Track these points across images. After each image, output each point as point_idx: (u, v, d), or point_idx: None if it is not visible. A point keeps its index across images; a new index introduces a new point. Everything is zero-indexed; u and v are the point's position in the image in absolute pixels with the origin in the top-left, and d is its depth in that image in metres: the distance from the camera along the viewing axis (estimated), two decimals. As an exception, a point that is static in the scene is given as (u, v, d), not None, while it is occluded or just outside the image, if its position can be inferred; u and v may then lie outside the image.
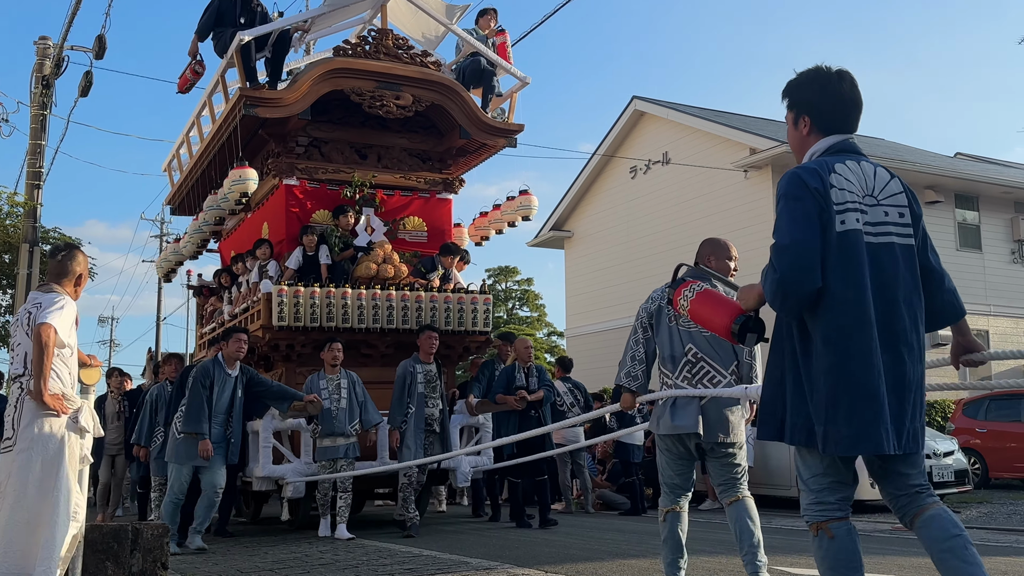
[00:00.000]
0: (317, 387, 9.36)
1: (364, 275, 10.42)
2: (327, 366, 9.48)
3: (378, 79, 10.43)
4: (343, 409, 9.36)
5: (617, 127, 25.61)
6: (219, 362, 8.98)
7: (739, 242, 22.87)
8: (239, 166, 10.01)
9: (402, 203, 11.16)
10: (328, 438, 9.34)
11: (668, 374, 5.31)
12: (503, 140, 11.13)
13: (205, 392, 8.79)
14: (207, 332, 12.53)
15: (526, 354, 10.35)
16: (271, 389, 9.21)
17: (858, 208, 3.34)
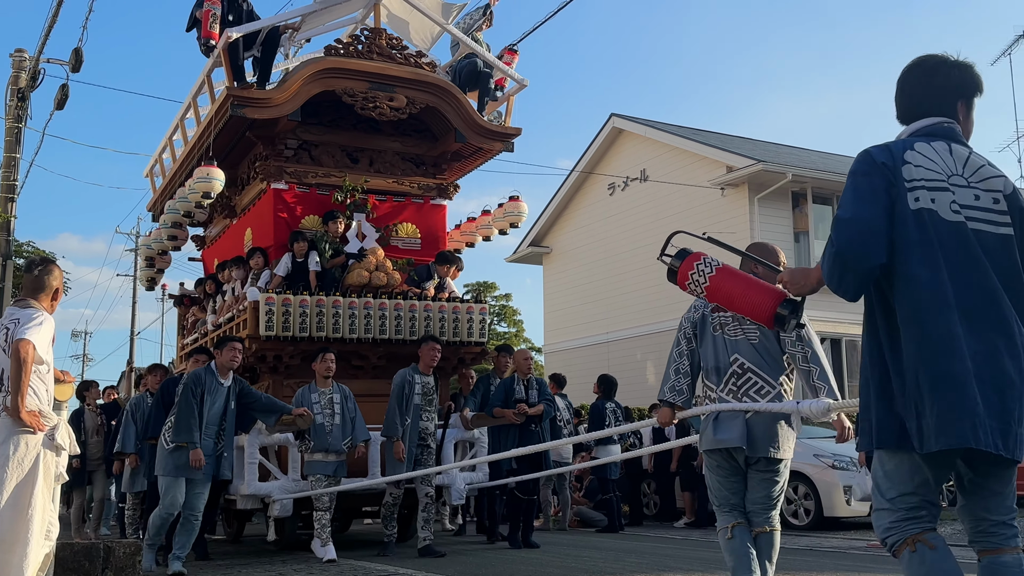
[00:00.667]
0: (308, 401, 8.72)
1: (356, 283, 9.80)
2: (319, 378, 8.85)
3: (371, 80, 9.84)
4: (337, 425, 8.72)
5: (595, 144, 25.31)
6: (212, 371, 8.31)
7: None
8: (207, 164, 9.37)
9: (395, 209, 10.55)
10: (320, 453, 8.69)
11: (712, 386, 4.80)
12: (500, 144, 10.55)
13: (195, 401, 8.11)
14: (189, 343, 11.84)
15: (526, 366, 9.76)
16: (260, 402, 8.55)
17: (938, 187, 3.04)
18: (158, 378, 10.24)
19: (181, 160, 11.19)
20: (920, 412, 2.90)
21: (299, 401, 8.71)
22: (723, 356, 4.75)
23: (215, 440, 8.26)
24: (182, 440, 8.00)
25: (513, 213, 11.00)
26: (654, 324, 22.88)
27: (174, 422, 8.12)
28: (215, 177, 9.39)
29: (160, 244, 12.12)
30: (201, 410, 8.12)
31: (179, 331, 12.66)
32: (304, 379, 9.76)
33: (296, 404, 8.68)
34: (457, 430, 9.91)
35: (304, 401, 8.69)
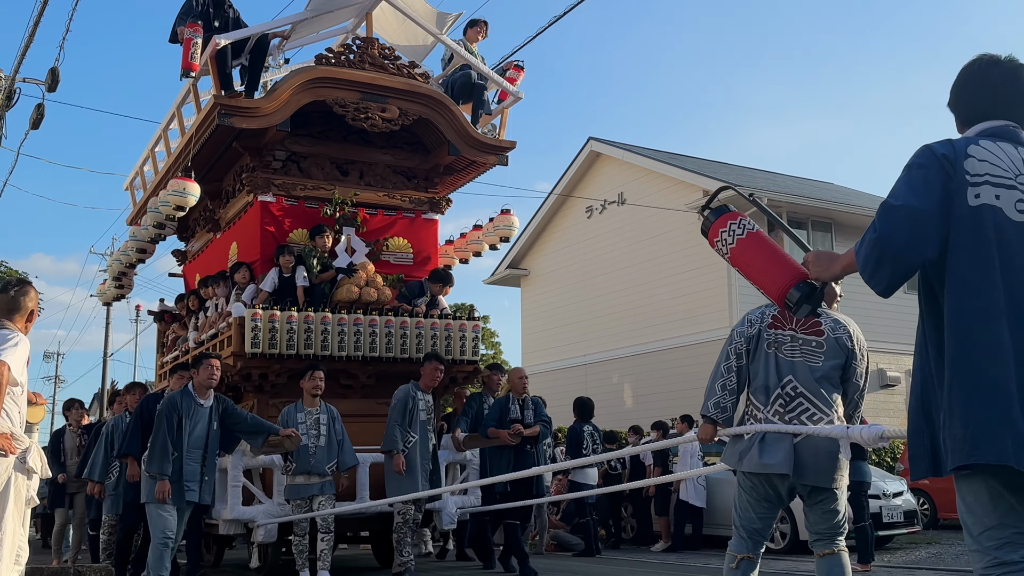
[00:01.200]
0: (293, 420, 8.22)
1: (345, 299, 9.33)
2: (307, 397, 8.36)
3: (363, 90, 9.41)
4: (321, 447, 8.23)
5: (573, 167, 25.09)
6: (188, 392, 7.77)
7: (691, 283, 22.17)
8: (182, 176, 8.90)
9: (385, 223, 10.10)
10: (302, 475, 8.19)
11: (759, 405, 4.48)
12: (493, 157, 10.13)
13: (170, 429, 7.58)
14: (169, 360, 11.30)
15: (521, 385, 9.31)
16: (246, 422, 8.01)
17: (1005, 184, 2.75)
18: (136, 397, 9.71)
19: (163, 172, 10.69)
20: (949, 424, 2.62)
21: (284, 420, 8.22)
22: (774, 376, 4.43)
23: (200, 464, 7.74)
24: (154, 471, 7.49)
25: (503, 227, 10.58)
26: (631, 347, 22.63)
27: (150, 451, 7.61)
28: (190, 191, 8.92)
29: (127, 257, 11.56)
30: (179, 436, 7.59)
31: (159, 348, 12.11)
32: (291, 398, 9.25)
33: (281, 423, 8.19)
34: (448, 451, 9.45)
35: (289, 420, 8.20)
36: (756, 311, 4.71)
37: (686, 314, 21.05)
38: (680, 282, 21.30)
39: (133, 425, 8.68)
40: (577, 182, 25.23)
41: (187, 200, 8.88)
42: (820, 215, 21.10)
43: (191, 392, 7.76)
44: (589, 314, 24.10)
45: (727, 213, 3.84)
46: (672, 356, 21.36)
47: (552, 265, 26.17)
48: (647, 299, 22.07)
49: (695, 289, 20.81)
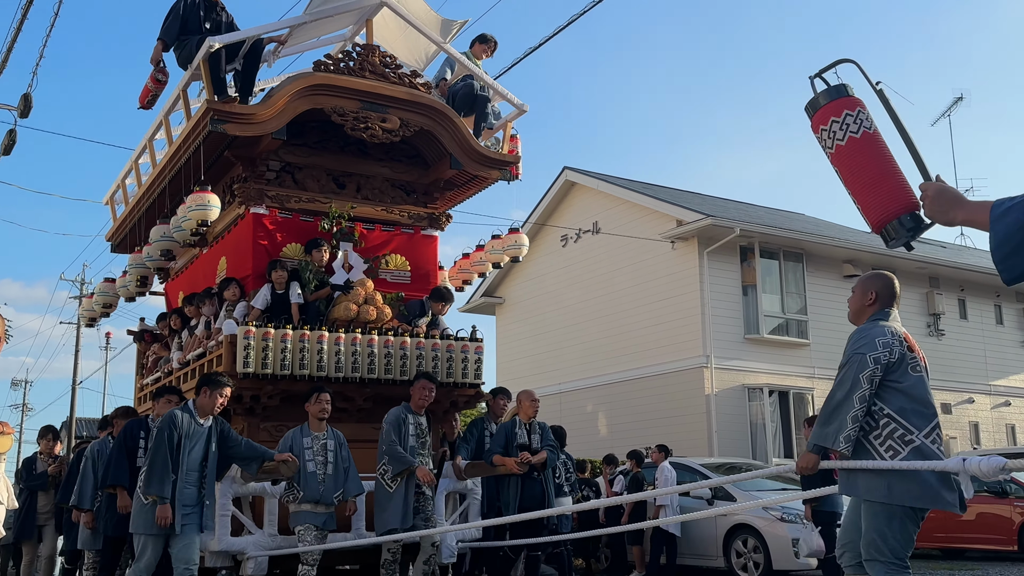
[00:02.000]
0: (299, 445, 7.53)
1: (342, 317, 8.67)
2: (313, 420, 7.67)
3: (363, 99, 8.79)
4: (329, 475, 7.54)
5: (548, 196, 24.66)
6: (190, 410, 7.07)
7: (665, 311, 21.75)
8: (200, 190, 8.23)
9: (384, 239, 9.46)
10: (308, 504, 7.48)
11: (912, 429, 4.04)
12: (497, 172, 9.53)
13: (170, 448, 6.87)
14: (150, 383, 10.54)
15: (531, 408, 8.68)
16: (240, 447, 7.29)
17: None
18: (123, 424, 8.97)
19: (149, 183, 9.99)
20: None
21: (288, 445, 7.52)
22: (931, 400, 4.06)
23: (198, 487, 7.03)
24: (153, 493, 6.78)
25: (513, 246, 9.92)
26: (606, 375, 22.15)
27: (146, 472, 6.89)
28: (211, 204, 8.24)
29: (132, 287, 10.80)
30: (178, 457, 6.90)
31: (138, 370, 11.33)
32: (283, 422, 8.59)
33: (284, 447, 7.50)
34: (449, 480, 8.78)
35: (295, 445, 7.51)
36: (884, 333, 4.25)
37: (661, 343, 20.71)
38: (654, 311, 21.07)
39: (117, 452, 7.95)
40: (552, 211, 24.84)
41: (209, 214, 8.21)
42: (791, 246, 21.04)
43: (192, 411, 7.07)
44: (564, 343, 23.66)
45: (845, 98, 3.15)
46: (647, 385, 20.91)
47: (527, 294, 25.67)
48: (622, 328, 21.67)
49: (670, 318, 20.53)
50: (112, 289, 11.31)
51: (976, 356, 23.65)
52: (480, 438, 8.82)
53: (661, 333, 20.69)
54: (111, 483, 7.91)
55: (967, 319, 23.79)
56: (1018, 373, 24.40)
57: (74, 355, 34.20)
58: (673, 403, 19.80)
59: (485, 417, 9.00)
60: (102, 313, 11.70)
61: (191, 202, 8.19)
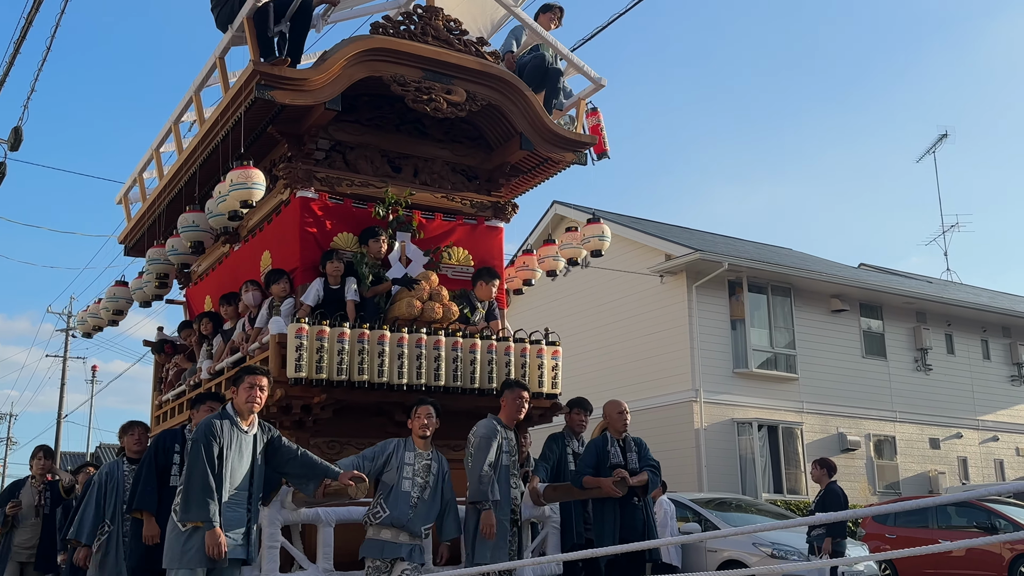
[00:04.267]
0: (400, 459, 6.15)
1: (405, 315, 7.32)
2: (416, 438, 6.31)
3: (426, 67, 7.51)
4: (424, 501, 6.16)
5: (538, 230, 23.76)
6: (229, 415, 5.67)
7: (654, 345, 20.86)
8: (242, 166, 6.89)
9: (444, 229, 8.12)
10: (389, 529, 6.08)
11: None
12: (571, 155, 8.25)
13: (212, 461, 5.50)
14: (171, 398, 9.12)
15: (620, 421, 7.32)
16: (296, 460, 5.87)
17: None
18: (135, 438, 7.54)
19: (174, 171, 8.62)
20: None
21: (386, 454, 6.14)
22: None
23: (246, 509, 5.65)
24: (194, 519, 5.39)
25: (594, 237, 8.48)
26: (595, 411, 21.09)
27: (183, 494, 5.48)
28: (256, 182, 6.85)
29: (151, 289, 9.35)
30: (221, 472, 5.53)
31: (155, 385, 9.88)
32: (336, 438, 7.26)
33: (380, 457, 6.13)
34: (525, 506, 7.40)
35: (396, 457, 6.12)
36: None
37: (649, 377, 20.00)
38: (643, 345, 20.51)
39: (146, 471, 6.53)
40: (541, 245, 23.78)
41: (253, 194, 6.81)
42: (779, 280, 20.71)
43: (232, 415, 5.69)
44: (553, 377, 22.64)
45: None
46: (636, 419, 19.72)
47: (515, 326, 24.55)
48: (611, 362, 20.91)
49: (658, 352, 20.05)
50: (125, 293, 9.84)
51: (964, 391, 23.37)
52: (561, 457, 7.45)
53: (650, 367, 20.15)
54: (137, 507, 6.49)
55: (954, 354, 23.52)
56: (1005, 408, 24.11)
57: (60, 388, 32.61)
58: (662, 437, 19.03)
59: (564, 432, 7.62)
60: (110, 321, 10.21)
61: (232, 179, 6.83)
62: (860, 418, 21.22)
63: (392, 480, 6.09)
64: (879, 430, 21.55)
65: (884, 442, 21.68)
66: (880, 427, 21.58)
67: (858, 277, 22.92)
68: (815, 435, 20.47)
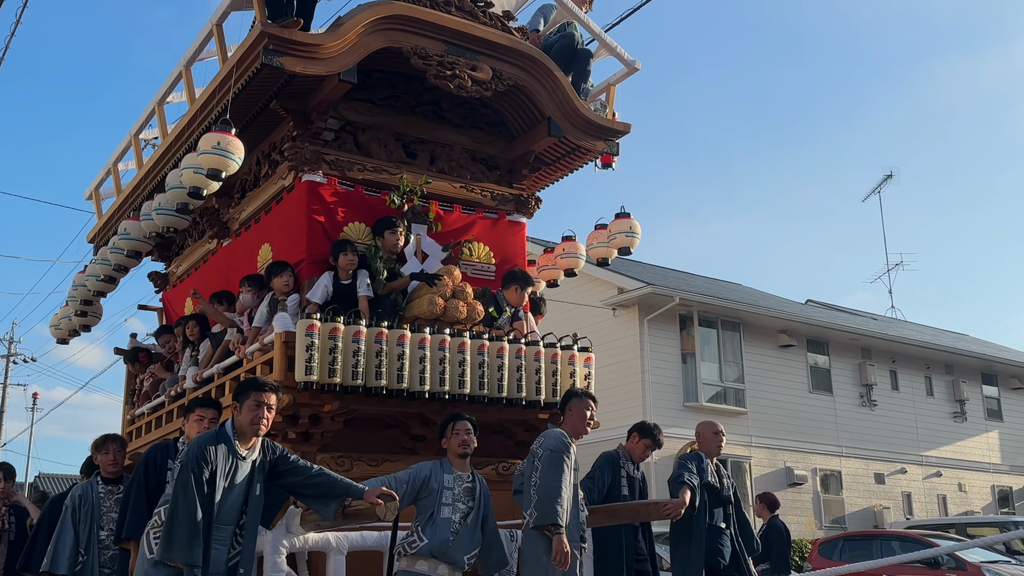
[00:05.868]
0: (440, 481, 5.17)
1: (426, 314, 6.40)
2: (453, 458, 5.32)
3: (449, 39, 6.65)
4: (467, 527, 5.19)
5: None
6: (227, 436, 4.66)
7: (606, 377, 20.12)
8: (220, 130, 5.93)
9: (463, 222, 7.22)
10: (426, 560, 5.12)
11: None
12: (602, 143, 7.42)
13: (199, 491, 4.52)
14: (147, 412, 8.07)
15: (716, 443, 6.43)
16: (311, 479, 4.87)
17: None
18: (110, 457, 6.43)
19: (157, 156, 7.64)
20: None
21: (423, 476, 5.15)
22: None
23: (228, 547, 4.65)
24: (174, 558, 4.38)
25: (624, 232, 7.59)
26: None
27: (167, 528, 4.46)
28: (232, 150, 5.89)
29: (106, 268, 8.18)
30: (210, 503, 4.57)
31: (127, 398, 8.80)
32: (346, 454, 6.30)
33: (414, 478, 5.15)
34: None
35: (435, 480, 5.16)
36: None
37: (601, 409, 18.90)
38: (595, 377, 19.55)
39: (135, 493, 5.48)
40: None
41: (228, 164, 5.82)
42: (729, 315, 20.63)
43: (230, 437, 4.70)
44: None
45: None
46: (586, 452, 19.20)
47: None
48: None
49: (610, 384, 19.58)
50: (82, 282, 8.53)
51: (908, 427, 23.38)
52: (614, 482, 6.38)
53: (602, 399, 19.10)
54: (127, 535, 5.44)
55: (899, 390, 23.54)
56: (948, 444, 24.18)
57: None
58: (613, 470, 18.41)
59: (619, 453, 6.62)
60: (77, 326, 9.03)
61: (205, 144, 5.85)
62: (807, 452, 21.04)
63: (431, 506, 5.13)
64: (825, 464, 21.39)
65: (830, 476, 21.52)
66: (826, 462, 21.42)
67: (805, 313, 22.96)
68: (763, 469, 20.26)
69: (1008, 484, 24.92)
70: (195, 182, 5.98)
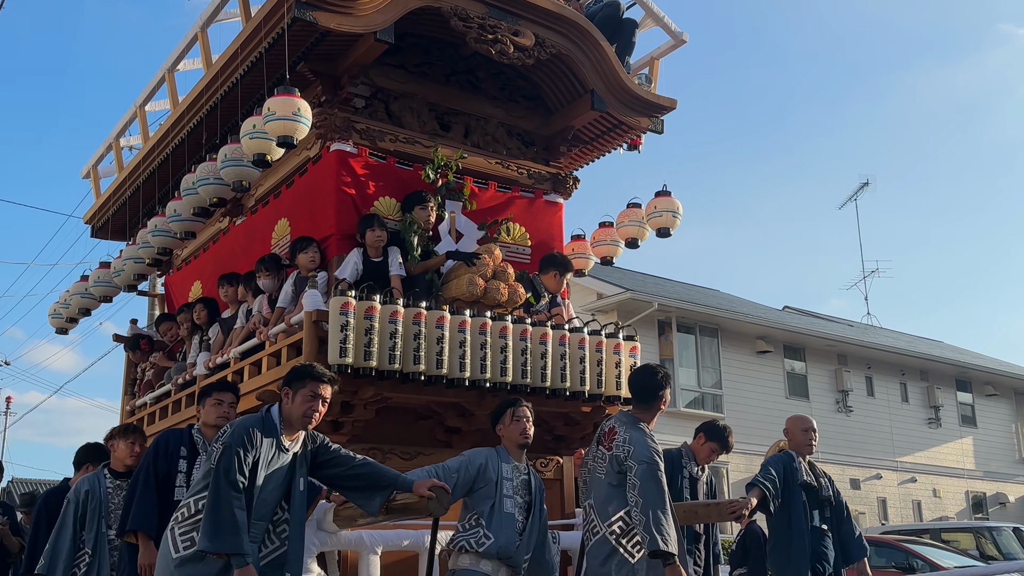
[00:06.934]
0: (498, 472, 4.59)
1: (465, 295, 5.87)
2: (511, 447, 4.73)
3: (490, 1, 6.16)
4: (531, 526, 4.61)
5: None
6: (272, 424, 4.10)
7: None
8: (286, 93, 5.40)
9: (499, 201, 6.68)
10: (491, 561, 4.50)
11: None
12: (647, 120, 6.92)
13: (245, 475, 3.97)
14: (149, 402, 7.47)
15: (806, 439, 5.81)
16: (355, 469, 4.30)
17: None
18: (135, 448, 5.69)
19: (166, 128, 7.06)
20: None
21: (478, 464, 4.58)
22: None
23: (260, 544, 4.09)
24: (221, 548, 3.83)
25: (664, 212, 7.01)
26: None
27: (207, 513, 3.88)
28: (302, 113, 5.33)
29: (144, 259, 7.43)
30: (249, 493, 4.00)
31: (126, 388, 8.18)
32: (376, 445, 5.73)
33: (467, 467, 4.59)
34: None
35: (492, 470, 4.59)
36: None
37: None
38: None
39: (143, 483, 4.88)
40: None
41: (298, 128, 5.29)
42: (707, 321, 20.53)
43: (277, 425, 4.14)
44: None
45: None
46: None
47: None
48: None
49: None
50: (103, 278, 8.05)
51: (883, 433, 23.28)
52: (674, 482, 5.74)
53: None
54: (132, 527, 4.84)
55: (874, 396, 23.47)
56: (923, 450, 24.13)
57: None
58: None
59: (683, 452, 6.05)
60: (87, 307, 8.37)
61: (273, 107, 5.32)
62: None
63: (490, 498, 4.55)
64: None
65: None
66: None
67: (782, 319, 22.84)
68: (740, 474, 19.94)
69: (982, 490, 24.94)
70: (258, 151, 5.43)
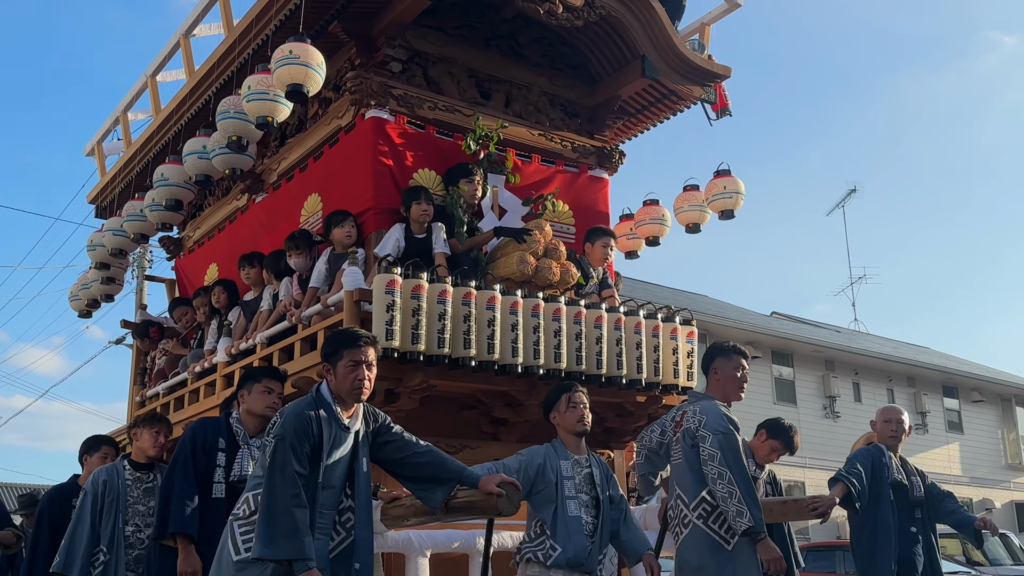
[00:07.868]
0: (555, 468, 4.10)
1: (515, 275, 5.38)
2: (568, 437, 4.25)
3: (538, -43, 5.67)
4: (602, 527, 4.13)
5: None
6: (326, 401, 3.60)
7: None
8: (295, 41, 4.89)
9: (542, 175, 6.20)
10: (560, 571, 3.98)
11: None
12: (699, 89, 6.45)
13: (302, 467, 3.47)
14: (162, 392, 6.94)
15: (887, 431, 5.47)
16: (417, 455, 3.81)
17: None
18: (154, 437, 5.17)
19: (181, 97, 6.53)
20: None
21: (533, 462, 4.10)
22: None
23: (329, 535, 3.59)
24: (279, 554, 3.33)
25: (726, 193, 6.48)
26: None
27: (261, 516, 3.37)
28: (315, 62, 4.86)
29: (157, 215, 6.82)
30: (314, 484, 3.51)
31: (135, 377, 7.63)
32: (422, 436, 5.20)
33: (527, 466, 4.06)
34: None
35: (549, 468, 4.09)
36: None
37: None
38: None
39: (180, 478, 4.38)
40: None
41: (310, 76, 4.81)
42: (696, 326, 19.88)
43: (330, 403, 3.65)
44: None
45: None
46: None
47: None
48: None
49: None
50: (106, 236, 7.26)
51: None
52: None
53: None
54: (174, 529, 4.34)
55: (861, 402, 23.32)
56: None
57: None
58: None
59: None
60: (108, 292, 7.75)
61: (283, 56, 4.81)
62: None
63: (551, 501, 4.06)
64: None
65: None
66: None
67: (770, 325, 22.76)
68: None
69: (968, 496, 24.78)
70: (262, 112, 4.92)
